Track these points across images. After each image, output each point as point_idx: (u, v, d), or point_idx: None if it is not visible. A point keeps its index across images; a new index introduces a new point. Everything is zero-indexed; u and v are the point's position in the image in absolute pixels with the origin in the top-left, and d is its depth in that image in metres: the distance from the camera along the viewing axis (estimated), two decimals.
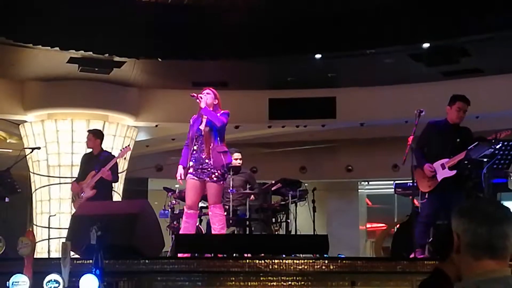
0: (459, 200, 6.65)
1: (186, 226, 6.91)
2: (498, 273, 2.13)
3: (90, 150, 9.09)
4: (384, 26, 9.67)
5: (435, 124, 7.05)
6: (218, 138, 6.84)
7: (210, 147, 6.77)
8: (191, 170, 6.81)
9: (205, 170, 6.78)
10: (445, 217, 7.01)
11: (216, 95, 7.09)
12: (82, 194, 8.58)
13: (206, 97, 7.01)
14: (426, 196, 6.96)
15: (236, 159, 9.13)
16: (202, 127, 6.85)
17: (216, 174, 6.79)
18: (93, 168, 8.61)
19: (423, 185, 6.95)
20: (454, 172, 6.73)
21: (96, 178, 8.54)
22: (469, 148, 6.64)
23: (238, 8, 9.80)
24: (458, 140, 6.84)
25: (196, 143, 6.84)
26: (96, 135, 9.00)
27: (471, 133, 7.03)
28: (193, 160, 6.83)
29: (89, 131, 9.28)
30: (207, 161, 6.77)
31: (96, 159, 8.77)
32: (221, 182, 6.91)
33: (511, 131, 6.92)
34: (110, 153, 9.27)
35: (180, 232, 7.17)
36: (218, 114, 6.91)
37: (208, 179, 6.79)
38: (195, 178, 6.81)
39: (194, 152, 6.83)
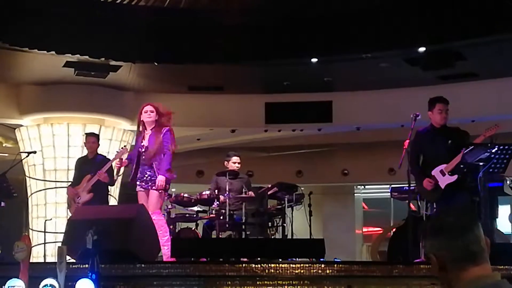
0: (465, 201, 6.67)
1: None
2: (489, 279, 2.13)
3: (85, 153, 9.06)
4: (380, 31, 9.69)
5: (423, 132, 7.04)
6: None
7: None
8: None
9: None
10: None
11: (158, 111, 7.45)
12: (78, 199, 8.48)
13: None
14: (435, 206, 6.94)
15: (234, 162, 9.25)
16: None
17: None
18: (89, 172, 8.51)
19: (430, 196, 6.95)
20: (455, 177, 6.73)
21: (92, 182, 8.42)
22: (464, 152, 6.64)
23: (234, 12, 9.81)
24: (449, 142, 6.84)
25: None
26: (98, 139, 8.93)
27: (462, 132, 7.02)
28: None
29: (92, 134, 9.13)
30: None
31: (91, 163, 8.70)
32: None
33: (496, 126, 6.94)
34: (105, 156, 9.18)
35: None
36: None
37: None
38: None
39: None
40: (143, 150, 7.28)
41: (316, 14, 9.82)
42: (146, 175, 7.24)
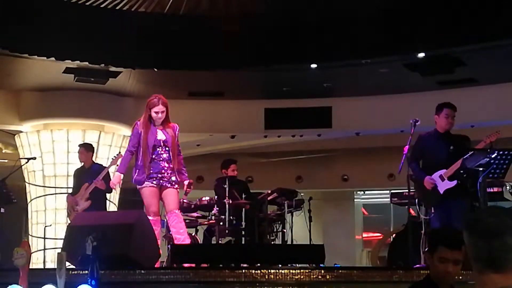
0: (463, 207, 6.68)
1: None
2: None
3: (82, 164, 9.22)
4: (379, 36, 9.70)
5: (426, 136, 7.07)
6: None
7: None
8: None
9: None
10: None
11: (167, 107, 7.22)
12: (77, 207, 8.71)
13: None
14: (433, 211, 6.94)
15: (233, 170, 9.30)
16: None
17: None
18: (86, 181, 8.79)
19: (428, 201, 6.94)
20: (455, 182, 6.73)
21: (90, 189, 8.70)
22: (464, 157, 6.65)
23: (233, 18, 9.82)
24: (451, 148, 6.86)
25: None
26: (87, 149, 9.22)
27: (466, 139, 7.04)
28: None
29: (80, 145, 9.49)
30: None
31: (88, 172, 8.97)
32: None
33: (497, 133, 6.96)
34: (101, 164, 9.43)
35: None
36: None
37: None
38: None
39: None
40: (161, 144, 7.10)
41: (315, 20, 9.84)
42: (163, 172, 7.08)
